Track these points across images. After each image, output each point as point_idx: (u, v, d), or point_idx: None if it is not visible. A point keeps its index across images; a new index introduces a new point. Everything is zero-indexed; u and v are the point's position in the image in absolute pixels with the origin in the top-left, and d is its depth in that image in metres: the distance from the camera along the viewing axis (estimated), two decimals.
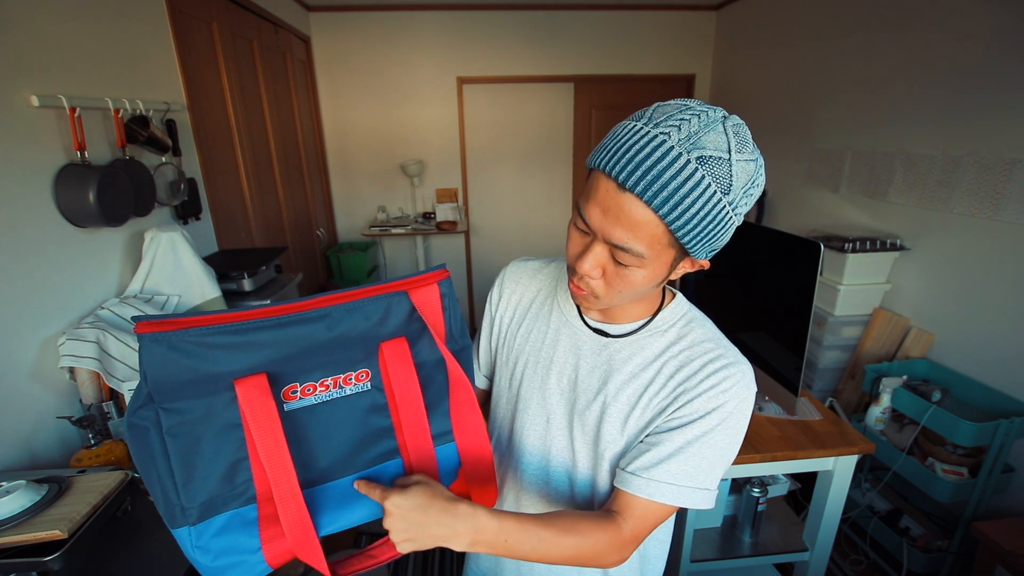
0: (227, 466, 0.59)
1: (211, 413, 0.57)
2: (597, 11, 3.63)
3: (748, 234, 1.60)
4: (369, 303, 0.62)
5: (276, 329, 0.58)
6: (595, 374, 0.72)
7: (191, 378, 0.56)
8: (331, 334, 0.61)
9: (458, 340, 0.70)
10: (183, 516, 0.58)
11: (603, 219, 0.57)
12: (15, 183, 1.19)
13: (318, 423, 0.63)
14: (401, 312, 0.64)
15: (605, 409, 0.71)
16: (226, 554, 0.60)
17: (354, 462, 0.66)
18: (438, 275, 0.67)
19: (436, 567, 2.04)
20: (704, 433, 0.65)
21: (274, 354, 0.59)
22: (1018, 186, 1.74)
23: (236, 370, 0.57)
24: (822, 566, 1.49)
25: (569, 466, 0.76)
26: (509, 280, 0.84)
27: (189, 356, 0.55)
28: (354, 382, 0.64)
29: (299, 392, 0.62)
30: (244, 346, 0.57)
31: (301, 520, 0.59)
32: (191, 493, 0.58)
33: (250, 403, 0.57)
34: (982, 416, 1.79)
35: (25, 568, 0.80)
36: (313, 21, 3.47)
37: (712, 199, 0.54)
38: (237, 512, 0.60)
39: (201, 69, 2.05)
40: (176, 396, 0.56)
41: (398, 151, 3.80)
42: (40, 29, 1.27)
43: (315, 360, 0.61)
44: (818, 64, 2.70)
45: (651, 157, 0.53)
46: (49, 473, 1.02)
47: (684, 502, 0.65)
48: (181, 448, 0.57)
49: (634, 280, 0.60)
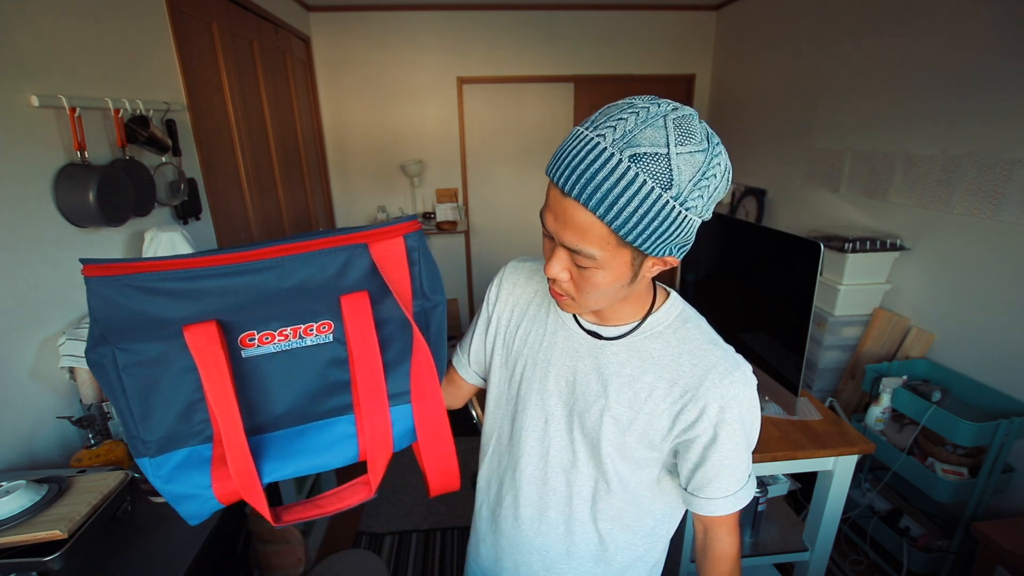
0: (184, 406, 0.61)
1: (168, 355, 0.59)
2: (597, 11, 3.63)
3: (748, 234, 1.60)
4: (325, 255, 0.60)
5: (223, 278, 0.57)
6: (592, 377, 0.72)
7: (140, 321, 0.57)
8: (283, 285, 0.59)
9: (430, 296, 0.68)
10: (143, 447, 0.61)
11: (556, 224, 0.58)
12: (15, 183, 1.19)
13: (276, 371, 0.63)
14: (362, 265, 0.62)
15: (604, 413, 0.71)
16: (183, 486, 0.62)
17: (307, 413, 0.66)
18: (405, 227, 0.64)
19: (436, 566, 2.04)
20: (734, 444, 0.69)
21: (224, 303, 0.58)
22: (1018, 186, 1.74)
23: (185, 316, 0.58)
24: (822, 566, 1.49)
25: (567, 466, 0.76)
26: (508, 280, 0.84)
27: (136, 301, 0.56)
28: (315, 333, 0.64)
29: (257, 340, 0.62)
30: (191, 293, 0.57)
31: (245, 465, 0.60)
32: (149, 428, 0.60)
33: (199, 350, 0.58)
34: (982, 416, 1.79)
35: (25, 568, 0.80)
36: (313, 21, 3.47)
37: (650, 196, 0.52)
38: (195, 449, 0.62)
39: (201, 69, 2.05)
40: (128, 337, 0.57)
41: (398, 151, 3.80)
42: (40, 29, 1.27)
43: (274, 309, 0.61)
44: (818, 64, 2.70)
45: (585, 160, 0.53)
46: (49, 473, 1.02)
47: (740, 504, 0.72)
48: (137, 386, 0.59)
49: (597, 282, 0.61)
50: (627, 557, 0.80)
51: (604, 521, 0.76)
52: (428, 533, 2.20)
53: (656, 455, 0.73)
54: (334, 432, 0.67)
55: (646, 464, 0.74)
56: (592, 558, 0.79)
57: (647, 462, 0.73)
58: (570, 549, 0.79)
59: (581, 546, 0.78)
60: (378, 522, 2.26)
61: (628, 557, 0.80)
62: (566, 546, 0.79)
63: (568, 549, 0.79)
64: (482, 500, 0.89)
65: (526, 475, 0.79)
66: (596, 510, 0.76)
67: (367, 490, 0.69)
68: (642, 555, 0.81)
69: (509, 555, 0.83)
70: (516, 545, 0.82)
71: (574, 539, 0.78)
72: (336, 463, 0.68)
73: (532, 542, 0.80)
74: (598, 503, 0.76)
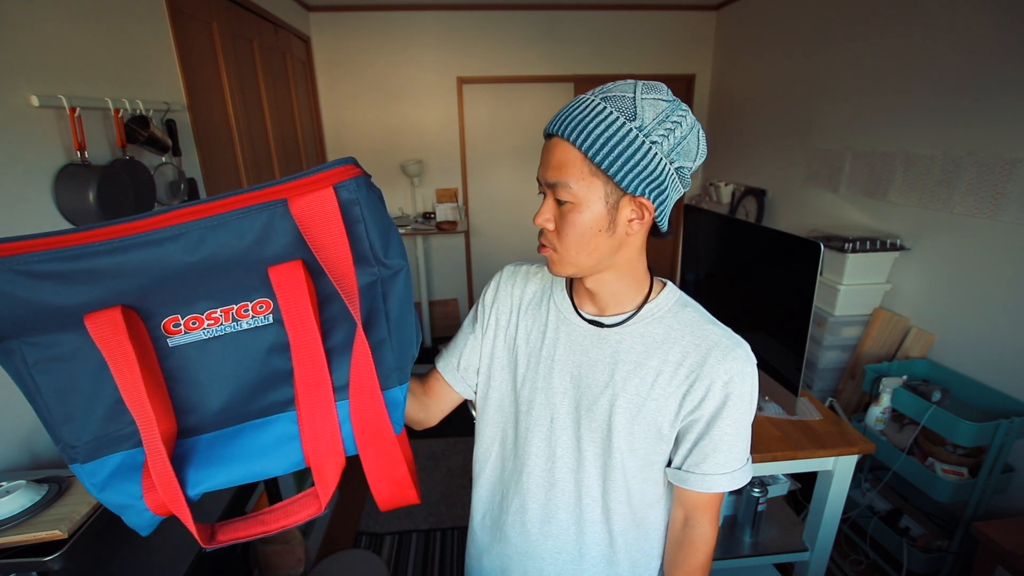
0: (108, 405, 0.53)
1: (81, 348, 0.51)
2: (597, 11, 3.63)
3: (748, 234, 1.60)
4: (238, 217, 0.49)
5: (113, 255, 0.47)
6: (599, 367, 0.73)
7: (36, 311, 0.48)
8: (192, 258, 0.49)
9: (385, 260, 0.55)
10: (72, 453, 0.54)
11: (541, 168, 0.68)
12: (15, 183, 1.19)
13: (208, 362, 0.54)
14: (288, 227, 0.51)
15: (615, 400, 0.71)
16: (117, 495, 0.55)
17: (245, 410, 0.57)
18: (335, 173, 0.50)
19: (436, 566, 2.04)
20: (735, 420, 0.70)
21: (125, 284, 0.49)
22: (1018, 186, 1.74)
23: (85, 302, 0.49)
24: (822, 566, 1.49)
25: (575, 466, 0.76)
26: (506, 282, 0.84)
27: (23, 288, 0.47)
28: (251, 314, 0.54)
29: (183, 325, 0.53)
30: (83, 275, 0.47)
31: (164, 474, 0.52)
32: (72, 431, 0.53)
33: (103, 341, 0.49)
34: (982, 416, 1.79)
35: (25, 568, 0.80)
36: (313, 21, 3.47)
37: (615, 123, 0.62)
38: (128, 453, 0.55)
39: (201, 69, 2.05)
40: (30, 329, 0.49)
41: (398, 151, 3.80)
42: (40, 29, 1.27)
43: (194, 289, 0.52)
44: (818, 64, 2.70)
45: (569, 107, 0.65)
46: (49, 473, 1.02)
47: (737, 483, 0.73)
48: (53, 384, 0.51)
49: (576, 220, 0.65)
50: (637, 555, 0.80)
51: (615, 520, 0.76)
52: (428, 533, 2.20)
53: (664, 448, 0.74)
54: (272, 432, 0.57)
55: (654, 461, 0.74)
56: (604, 558, 0.79)
57: (655, 456, 0.74)
58: (582, 550, 0.78)
59: (593, 547, 0.78)
60: (378, 522, 2.26)
61: (638, 555, 0.80)
62: (578, 547, 0.78)
63: (580, 550, 0.78)
64: (483, 510, 0.87)
65: (533, 477, 0.78)
66: (607, 508, 0.76)
67: (316, 504, 0.57)
68: (652, 552, 0.81)
69: (518, 564, 0.82)
70: (526, 552, 0.81)
71: (585, 539, 0.78)
72: (277, 470, 0.57)
73: (543, 547, 0.80)
74: (609, 501, 0.75)
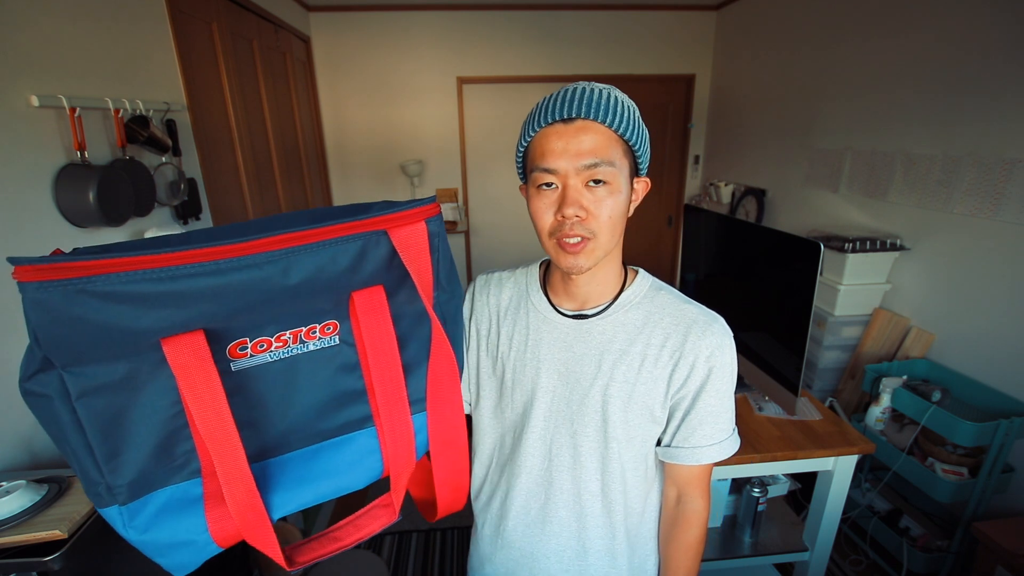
0: (162, 437, 0.49)
1: (136, 375, 0.47)
2: (597, 11, 3.63)
3: (748, 234, 1.60)
4: (338, 244, 0.50)
5: (215, 276, 0.45)
6: (586, 359, 0.74)
7: (99, 337, 0.43)
8: (288, 282, 0.48)
9: (446, 287, 0.60)
10: (109, 495, 0.49)
11: (566, 153, 0.64)
12: (15, 183, 1.19)
13: (274, 384, 0.53)
14: (379, 255, 0.53)
15: (606, 389, 0.72)
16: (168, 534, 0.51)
17: (317, 430, 0.56)
18: (426, 211, 0.54)
19: (436, 566, 2.04)
20: (718, 391, 0.73)
21: (215, 307, 0.46)
22: (1018, 186, 1.74)
23: (163, 327, 0.45)
24: (822, 566, 1.49)
25: (571, 463, 0.76)
26: (479, 292, 0.84)
27: (95, 311, 0.42)
28: (319, 335, 0.54)
29: (249, 349, 0.51)
30: (172, 298, 0.44)
31: (250, 502, 0.49)
32: (116, 469, 0.48)
33: (183, 368, 0.46)
34: (982, 416, 1.79)
35: (25, 568, 0.80)
36: (313, 21, 3.47)
37: (629, 107, 0.67)
38: (179, 487, 0.51)
39: (201, 69, 2.05)
40: (82, 359, 0.45)
41: (398, 151, 3.80)
42: (40, 29, 1.27)
43: (269, 312, 0.50)
44: (818, 64, 2.70)
45: (578, 91, 0.66)
46: (49, 473, 1.01)
47: (726, 453, 0.75)
48: (98, 418, 0.46)
49: (614, 204, 0.66)
50: (636, 539, 0.80)
51: (615, 511, 0.77)
52: (428, 533, 2.20)
53: (657, 430, 0.76)
54: (354, 449, 0.58)
55: (649, 447, 0.76)
56: (607, 550, 0.79)
57: (650, 441, 0.76)
58: (585, 545, 0.79)
59: (596, 540, 0.78)
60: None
61: (637, 539, 0.80)
62: (581, 543, 0.79)
63: (583, 545, 0.79)
64: (483, 519, 0.87)
65: (531, 480, 0.78)
66: (607, 501, 0.76)
67: (389, 512, 0.60)
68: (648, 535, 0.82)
69: (523, 567, 0.82)
70: (531, 554, 0.81)
71: (587, 534, 0.78)
72: (359, 484, 0.60)
73: (547, 547, 0.80)
74: (608, 494, 0.76)
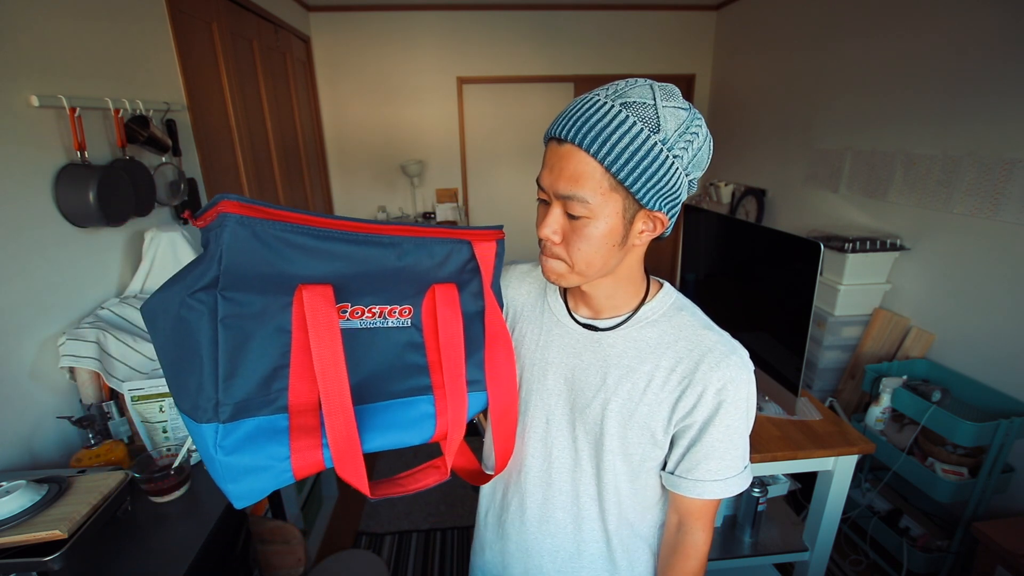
0: (268, 370, 0.57)
1: (266, 312, 0.56)
2: (597, 11, 3.63)
3: (748, 234, 1.60)
4: (436, 243, 0.65)
5: (354, 244, 0.59)
6: (592, 370, 0.72)
7: (264, 272, 0.54)
8: (398, 263, 0.63)
9: (496, 292, 0.74)
10: (214, 412, 0.55)
11: (551, 176, 0.62)
12: (15, 183, 1.19)
13: (358, 346, 0.63)
14: (459, 259, 0.68)
15: (607, 404, 0.71)
16: (251, 458, 0.57)
17: (388, 390, 0.67)
18: (497, 234, 0.71)
19: (436, 566, 2.04)
20: (728, 427, 0.68)
21: (344, 268, 0.60)
22: (1018, 186, 1.74)
23: (307, 275, 0.57)
24: (822, 566, 1.49)
25: (571, 466, 0.76)
26: (503, 283, 0.83)
27: (270, 250, 0.54)
28: (397, 316, 0.66)
29: (348, 313, 0.62)
30: (321, 253, 0.57)
31: (349, 434, 0.59)
32: (231, 389, 0.55)
33: (314, 311, 0.56)
34: (982, 416, 1.79)
35: (25, 568, 0.80)
36: (313, 21, 3.47)
37: (640, 136, 0.57)
38: (268, 419, 0.58)
39: (201, 69, 2.05)
40: (241, 286, 0.54)
41: (398, 151, 3.80)
42: (40, 29, 1.27)
43: (372, 285, 0.63)
44: (818, 64, 2.70)
45: (581, 110, 0.60)
46: (49, 473, 1.02)
47: (731, 491, 0.70)
48: (231, 341, 0.54)
49: (589, 234, 0.61)
50: (634, 554, 0.80)
51: (610, 520, 0.77)
52: (428, 533, 2.20)
53: (658, 454, 0.73)
54: (416, 410, 0.69)
55: (649, 467, 0.74)
56: (602, 556, 0.79)
57: (650, 462, 0.73)
58: (580, 548, 0.79)
59: (591, 544, 0.78)
60: (378, 522, 2.26)
61: (635, 554, 0.80)
62: (576, 545, 0.79)
63: (578, 548, 0.79)
64: (487, 507, 0.89)
65: (531, 477, 0.79)
66: (603, 508, 0.76)
67: (441, 472, 0.72)
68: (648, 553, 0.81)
69: (518, 560, 0.83)
70: (525, 549, 0.82)
71: (583, 537, 0.78)
72: (415, 440, 0.69)
73: (542, 544, 0.80)
74: (603, 501, 0.76)
